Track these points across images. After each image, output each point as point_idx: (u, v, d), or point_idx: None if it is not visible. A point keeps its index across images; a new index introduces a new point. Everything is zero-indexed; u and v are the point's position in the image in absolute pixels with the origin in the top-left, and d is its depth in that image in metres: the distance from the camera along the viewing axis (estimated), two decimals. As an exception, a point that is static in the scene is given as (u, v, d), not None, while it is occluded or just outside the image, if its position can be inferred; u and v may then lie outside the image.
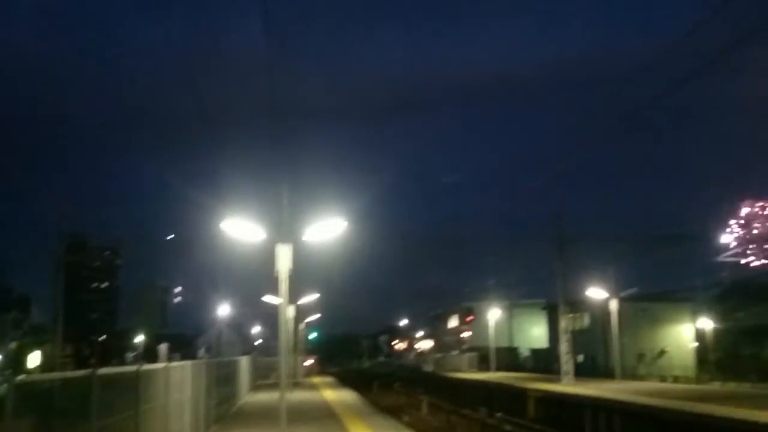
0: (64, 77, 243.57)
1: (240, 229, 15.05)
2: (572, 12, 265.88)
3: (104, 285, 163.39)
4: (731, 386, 39.33)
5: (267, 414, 22.40)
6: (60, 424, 7.33)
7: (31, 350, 68.77)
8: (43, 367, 46.04)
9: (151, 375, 11.03)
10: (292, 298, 17.97)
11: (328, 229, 15.30)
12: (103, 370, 8.45)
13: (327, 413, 22.70)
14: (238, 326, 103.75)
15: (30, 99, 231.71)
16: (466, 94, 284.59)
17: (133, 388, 9.83)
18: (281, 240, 14.89)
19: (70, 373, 8.01)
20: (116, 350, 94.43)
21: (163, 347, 42.66)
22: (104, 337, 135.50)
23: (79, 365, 67.79)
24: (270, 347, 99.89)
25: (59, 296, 37.70)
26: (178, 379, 13.26)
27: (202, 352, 65.41)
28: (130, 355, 56.82)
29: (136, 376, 9.89)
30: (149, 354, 67.79)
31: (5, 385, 5.96)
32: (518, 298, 71.36)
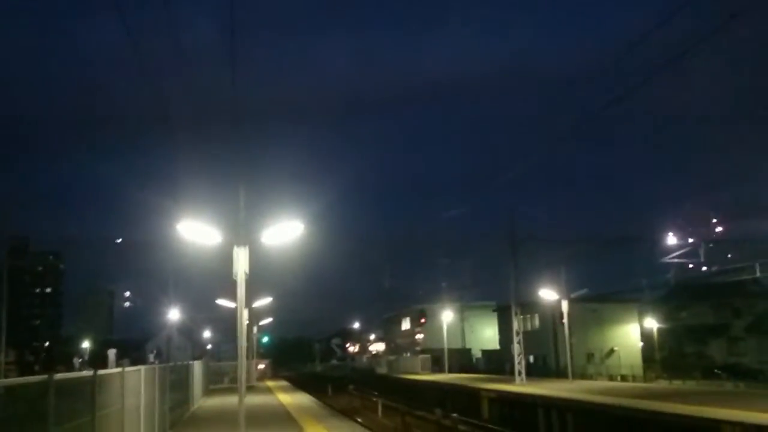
0: (9, 72, 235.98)
1: (195, 231, 14.83)
2: (530, 15, 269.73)
3: (47, 290, 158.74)
4: (677, 384, 40.50)
5: (222, 418, 22.14)
6: (17, 428, 7.12)
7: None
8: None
9: (107, 380, 10.80)
10: (247, 301, 17.79)
11: (285, 232, 15.21)
12: (60, 375, 8.24)
13: (284, 416, 22.55)
14: (189, 331, 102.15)
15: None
16: (424, 97, 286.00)
17: (89, 393, 9.60)
18: (238, 243, 14.73)
19: (26, 378, 7.76)
20: (61, 356, 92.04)
21: (111, 353, 41.63)
22: (48, 343, 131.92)
23: (23, 372, 65.74)
24: (221, 351, 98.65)
25: (1, 302, 36.57)
26: (133, 384, 13.00)
27: (151, 357, 64.14)
28: (77, 362, 55.43)
29: (93, 380, 9.66)
30: (96, 360, 66.22)
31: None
32: (470, 300, 72.13)
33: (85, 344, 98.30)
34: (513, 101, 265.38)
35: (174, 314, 65.64)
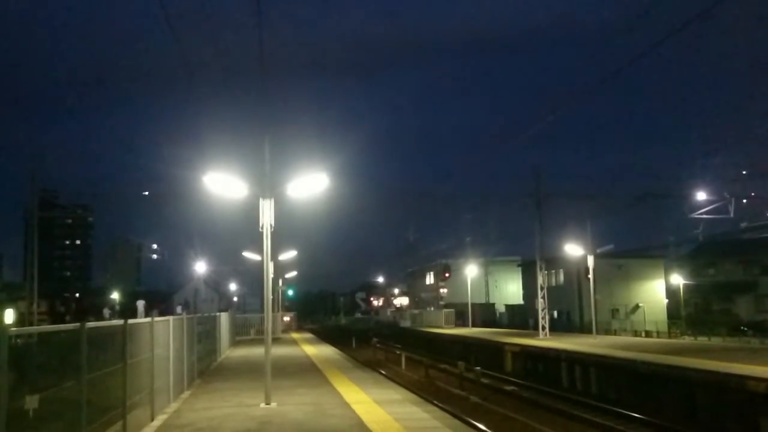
0: (39, 29, 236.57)
1: (221, 183, 14.84)
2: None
3: (77, 242, 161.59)
4: (702, 340, 40.33)
5: (249, 368, 22.52)
6: (51, 377, 7.26)
7: (4, 308, 68.20)
8: (20, 324, 45.57)
9: (137, 329, 10.97)
10: (273, 254, 17.89)
11: (310, 184, 15.16)
12: (92, 324, 8.37)
13: (309, 367, 22.88)
14: (215, 283, 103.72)
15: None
16: (452, 51, 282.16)
17: (120, 342, 9.76)
18: (263, 195, 14.73)
19: (60, 326, 7.89)
20: (91, 307, 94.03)
21: (140, 304, 42.35)
22: (78, 294, 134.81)
23: (55, 322, 67.34)
24: (247, 304, 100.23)
25: (33, 253, 37.20)
26: (162, 334, 13.21)
27: (179, 309, 65.28)
28: (107, 312, 56.61)
29: (124, 329, 9.81)
30: (126, 311, 67.60)
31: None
32: (495, 256, 72.17)
33: (114, 295, 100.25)
34: (543, 55, 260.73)
35: (200, 267, 66.62)
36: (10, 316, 52.28)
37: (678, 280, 59.90)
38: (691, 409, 19.20)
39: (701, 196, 36.36)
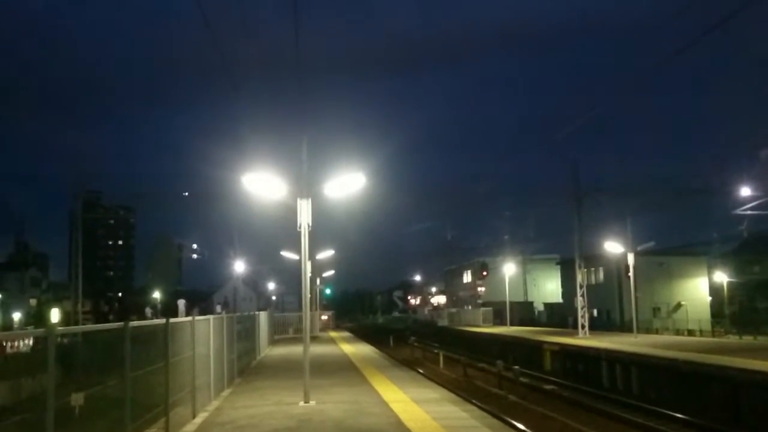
0: (82, 29, 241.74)
1: (260, 183, 15.01)
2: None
3: (119, 243, 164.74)
4: (747, 339, 39.44)
5: (288, 366, 22.73)
6: (96, 373, 7.45)
7: (50, 307, 69.93)
8: (65, 323, 46.65)
9: (178, 328, 11.17)
10: (311, 253, 18.02)
11: (347, 184, 15.24)
12: (135, 323, 8.55)
13: (347, 366, 23.00)
14: (254, 282, 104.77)
15: (45, 52, 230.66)
16: (489, 47, 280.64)
17: (162, 341, 9.95)
18: (301, 195, 14.85)
19: (104, 325, 8.08)
20: (134, 306, 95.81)
21: (181, 303, 43.10)
22: (121, 293, 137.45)
23: (98, 322, 68.86)
24: (285, 303, 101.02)
25: (77, 253, 38.05)
26: (203, 333, 13.42)
27: (218, 307, 66.13)
28: (149, 311, 57.63)
29: (165, 328, 10.00)
30: (167, 310, 68.71)
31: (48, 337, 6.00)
32: (533, 254, 71.56)
33: (156, 295, 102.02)
34: (582, 50, 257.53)
35: (240, 266, 67.32)
36: (56, 315, 53.62)
37: (722, 277, 58.63)
38: (735, 409, 18.80)
39: (745, 191, 35.50)
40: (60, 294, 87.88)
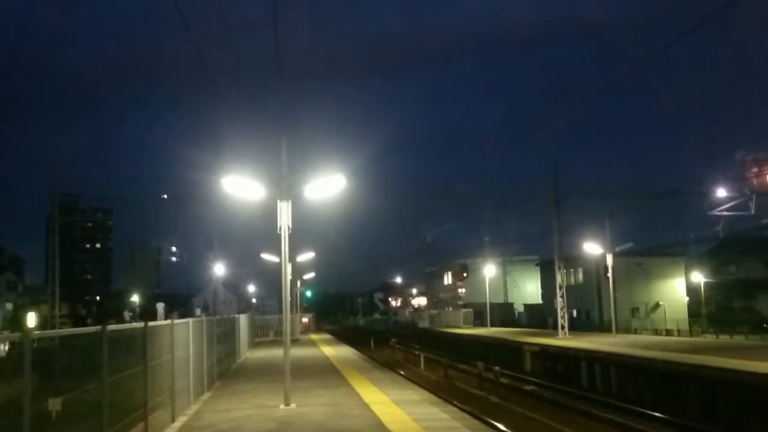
0: (58, 34, 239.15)
1: (239, 186, 14.94)
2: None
3: (97, 246, 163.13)
4: (724, 339, 39.91)
5: (268, 370, 22.62)
6: (73, 378, 7.35)
7: (27, 311, 68.99)
8: (42, 327, 46.09)
9: (157, 332, 11.07)
10: (291, 255, 17.96)
11: (328, 186, 15.21)
12: (113, 327, 8.47)
13: (328, 368, 22.95)
14: (234, 285, 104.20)
15: (22, 54, 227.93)
16: (469, 50, 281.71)
17: (141, 345, 9.86)
18: (281, 197, 14.80)
19: (81, 329, 7.99)
20: (112, 310, 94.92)
21: (160, 306, 42.86)
22: (99, 297, 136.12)
23: (76, 325, 67.98)
24: (265, 306, 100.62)
25: (54, 257, 37.60)
26: (182, 337, 13.32)
27: (198, 311, 65.73)
28: (127, 315, 57.12)
29: (144, 332, 9.91)
30: (146, 313, 68.14)
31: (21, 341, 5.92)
32: (513, 255, 71.91)
33: (134, 298, 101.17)
34: (559, 53, 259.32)
35: (219, 269, 67.00)
36: (32, 319, 52.94)
37: (699, 278, 59.32)
38: (712, 408, 19.01)
39: (721, 192, 35.96)
40: (37, 298, 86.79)
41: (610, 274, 35.96)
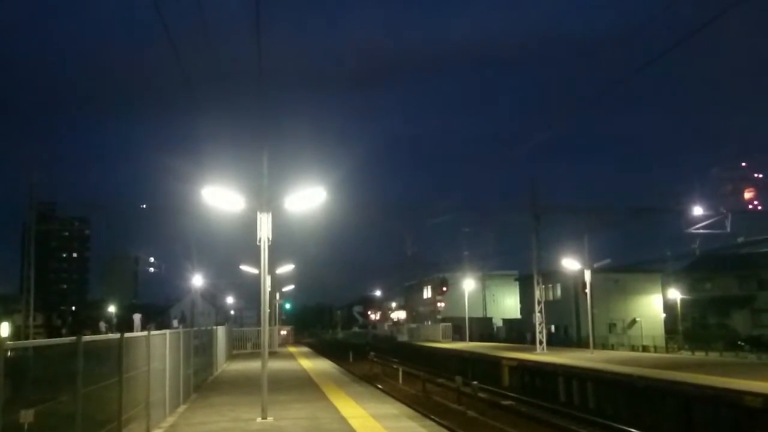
0: (36, 41, 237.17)
1: (219, 197, 14.89)
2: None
3: (74, 255, 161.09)
4: (699, 355, 40.29)
5: (246, 382, 22.45)
6: (46, 389, 7.26)
7: (0, 321, 67.85)
8: (15, 338, 45.37)
9: (133, 343, 10.96)
10: (270, 268, 17.90)
11: (308, 198, 15.20)
12: (88, 337, 8.37)
13: (306, 381, 22.82)
14: (212, 296, 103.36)
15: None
16: (451, 65, 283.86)
17: (116, 356, 9.76)
18: (261, 209, 14.77)
19: (56, 340, 7.89)
20: (88, 320, 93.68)
21: (136, 317, 42.32)
22: (74, 307, 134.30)
23: (51, 335, 66.99)
24: (244, 318, 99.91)
25: (29, 266, 37.09)
26: (159, 348, 13.19)
27: (175, 322, 65.06)
28: (103, 326, 56.37)
29: (120, 343, 9.81)
30: (122, 324, 67.36)
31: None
32: (492, 270, 72.18)
33: (111, 309, 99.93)
34: (538, 69, 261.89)
35: (198, 280, 66.50)
36: (5, 329, 52.06)
37: (675, 294, 59.85)
38: (687, 423, 19.17)
39: (698, 210, 36.45)
40: (10, 307, 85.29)
41: (588, 290, 36.20)
